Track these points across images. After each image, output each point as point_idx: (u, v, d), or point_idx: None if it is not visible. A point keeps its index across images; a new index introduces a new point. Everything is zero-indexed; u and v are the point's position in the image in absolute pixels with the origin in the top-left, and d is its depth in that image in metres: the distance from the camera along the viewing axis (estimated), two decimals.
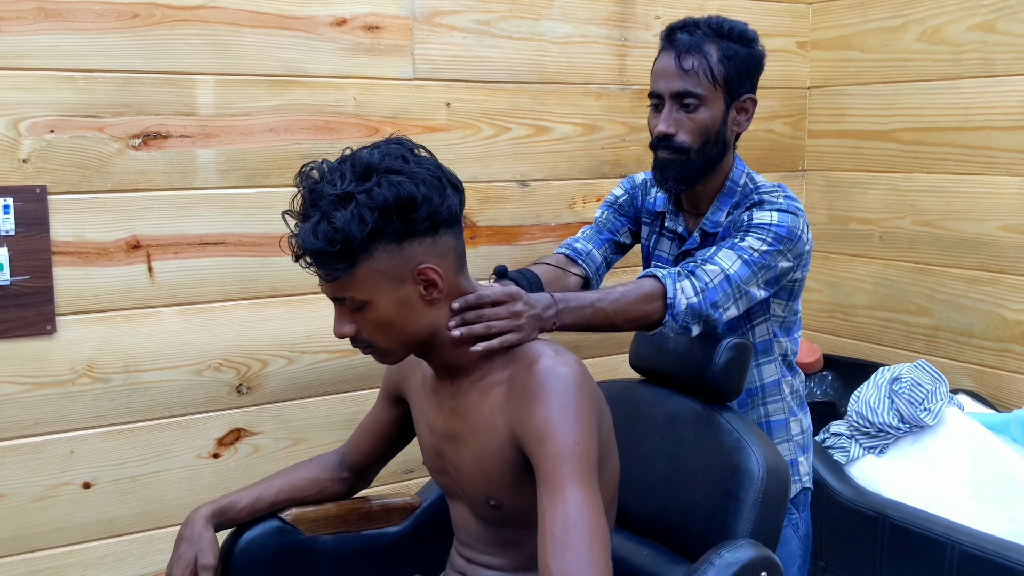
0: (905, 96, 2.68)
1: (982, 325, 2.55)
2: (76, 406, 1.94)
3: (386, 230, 1.29)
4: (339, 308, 1.37)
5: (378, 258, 1.30)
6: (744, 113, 1.78)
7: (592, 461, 1.28)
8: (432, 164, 1.35)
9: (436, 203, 1.32)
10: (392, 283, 1.32)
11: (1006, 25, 2.42)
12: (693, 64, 1.70)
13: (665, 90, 1.73)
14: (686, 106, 1.72)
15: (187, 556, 1.51)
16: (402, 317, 1.35)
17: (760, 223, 1.70)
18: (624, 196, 1.98)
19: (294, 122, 2.10)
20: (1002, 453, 2.14)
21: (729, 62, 1.72)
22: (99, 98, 1.90)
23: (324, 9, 2.10)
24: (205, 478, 2.09)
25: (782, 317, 1.83)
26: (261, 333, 2.12)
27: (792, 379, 1.89)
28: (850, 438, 2.34)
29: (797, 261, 1.74)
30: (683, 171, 1.75)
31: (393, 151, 1.33)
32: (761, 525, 1.50)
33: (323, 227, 1.27)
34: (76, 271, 1.91)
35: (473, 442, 1.41)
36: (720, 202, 1.80)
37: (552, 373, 1.32)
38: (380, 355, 1.41)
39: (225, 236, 2.05)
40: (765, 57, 1.80)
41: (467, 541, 1.52)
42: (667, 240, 1.91)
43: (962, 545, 1.95)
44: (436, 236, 1.34)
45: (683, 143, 1.73)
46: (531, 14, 2.38)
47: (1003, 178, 2.47)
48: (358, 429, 1.72)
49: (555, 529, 1.21)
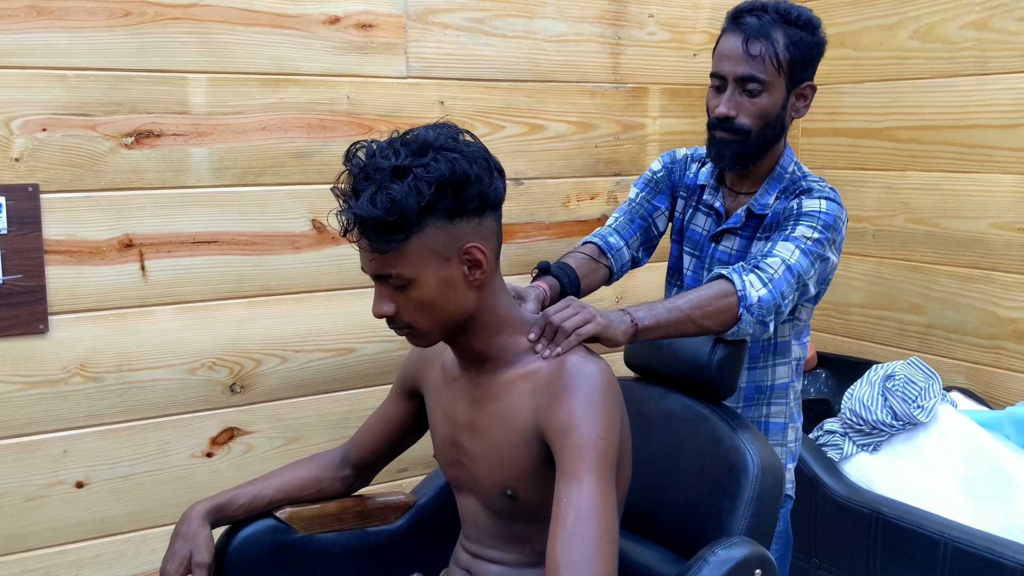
0: (900, 94, 2.68)
1: (975, 323, 2.55)
2: (69, 405, 1.94)
3: (439, 205, 1.31)
4: (380, 287, 1.38)
5: (428, 233, 1.32)
6: (803, 100, 1.80)
7: (612, 458, 1.30)
8: (481, 148, 1.38)
9: (486, 183, 1.35)
10: (438, 261, 1.34)
11: (1000, 23, 2.42)
12: (760, 50, 1.71)
13: (729, 73, 1.74)
14: (749, 91, 1.73)
15: (182, 552, 1.51)
16: (444, 297, 1.36)
17: (810, 211, 1.71)
18: (662, 171, 1.97)
19: (287, 120, 2.10)
20: (995, 450, 2.14)
21: (794, 48, 1.73)
22: (91, 96, 1.89)
23: (317, 7, 2.10)
24: (199, 477, 2.08)
25: (802, 321, 1.85)
26: (254, 332, 2.11)
27: (798, 386, 1.90)
28: (844, 435, 2.34)
29: (837, 254, 1.76)
30: (740, 151, 1.76)
31: (445, 132, 1.36)
32: (756, 523, 1.50)
33: (381, 197, 1.28)
34: (69, 270, 1.91)
35: (494, 431, 1.43)
36: (769, 186, 1.81)
37: (581, 370, 1.36)
38: (416, 337, 1.42)
39: (218, 235, 2.05)
40: (826, 44, 1.81)
41: (474, 536, 1.53)
42: (703, 215, 1.90)
43: (955, 542, 1.96)
44: (482, 218, 1.37)
45: (743, 125, 1.74)
46: (525, 12, 2.37)
47: (997, 176, 2.47)
48: (364, 426, 1.72)
49: (567, 518, 1.24)
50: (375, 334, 2.24)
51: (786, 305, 1.65)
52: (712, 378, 1.62)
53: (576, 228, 2.52)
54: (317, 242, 2.16)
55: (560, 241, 2.50)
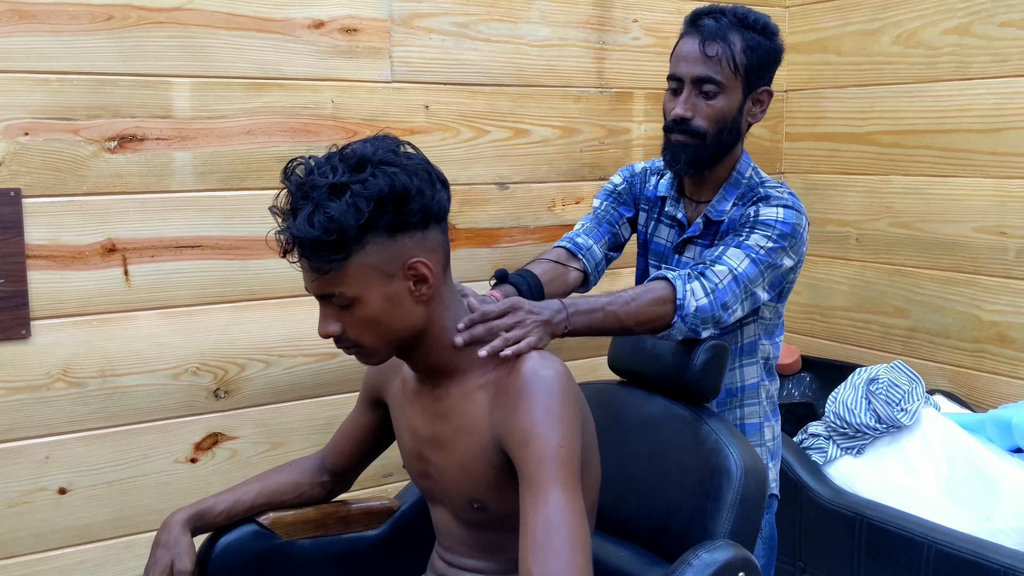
0: (882, 99, 2.70)
1: (958, 326, 2.57)
2: (52, 411, 1.93)
3: (379, 221, 1.29)
4: (324, 306, 1.36)
5: (370, 251, 1.30)
6: (760, 105, 1.80)
7: (575, 464, 1.28)
8: (422, 159, 1.36)
9: (428, 196, 1.32)
10: (382, 278, 1.32)
11: (981, 28, 2.44)
12: (717, 51, 1.71)
13: (686, 74, 1.74)
14: (705, 92, 1.73)
15: (163, 561, 1.50)
16: (390, 314, 1.34)
17: (766, 219, 1.70)
18: (623, 184, 1.97)
19: (271, 124, 2.09)
20: (978, 453, 2.16)
21: (752, 52, 1.73)
22: (74, 100, 1.89)
23: (301, 11, 2.10)
24: (183, 483, 2.07)
25: (767, 320, 1.84)
26: (238, 337, 2.11)
27: (770, 385, 1.89)
28: (828, 439, 2.35)
29: (796, 260, 1.75)
30: (696, 155, 1.75)
31: (384, 145, 1.34)
32: (739, 526, 1.50)
33: (319, 216, 1.26)
34: (51, 275, 1.90)
35: (457, 445, 1.41)
36: (726, 192, 1.81)
37: (536, 375, 1.32)
38: (364, 355, 1.40)
39: (202, 239, 2.04)
40: (784, 52, 1.81)
41: (448, 545, 1.52)
42: (665, 227, 1.90)
43: (938, 544, 1.97)
44: (426, 231, 1.34)
45: (699, 127, 1.74)
46: (510, 17, 2.38)
47: (978, 180, 2.49)
48: (337, 433, 1.71)
49: (537, 532, 1.21)
50: None
51: (728, 315, 1.65)
52: (695, 381, 1.63)
53: (561, 232, 2.51)
54: None
55: (546, 245, 2.49)
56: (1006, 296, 2.45)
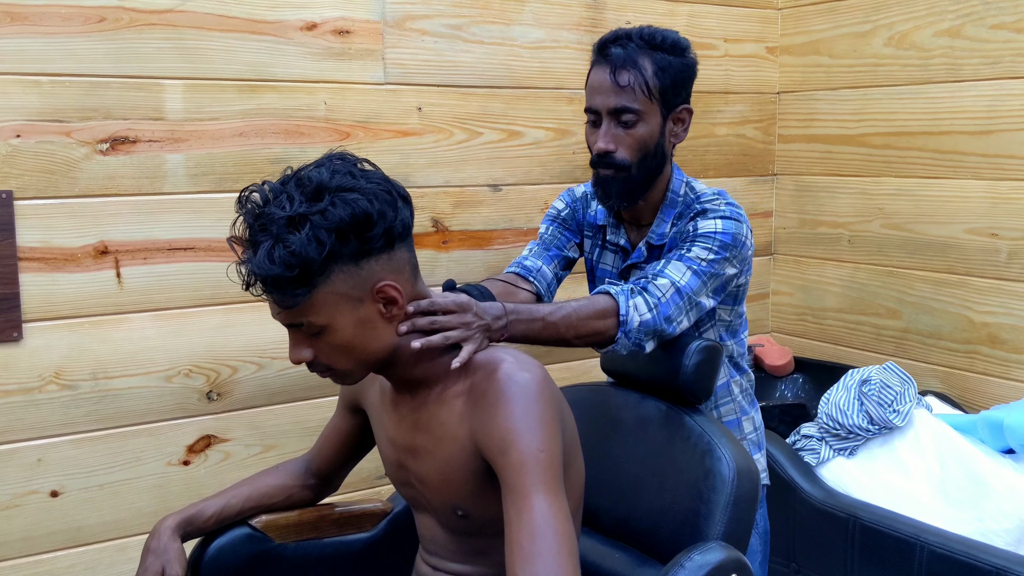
0: (874, 101, 2.70)
1: (950, 327, 2.57)
2: (43, 413, 1.92)
3: (343, 251, 1.25)
4: (294, 334, 1.32)
5: (336, 280, 1.26)
6: (681, 123, 1.78)
7: (557, 467, 1.26)
8: (380, 178, 1.32)
9: (390, 218, 1.29)
10: (351, 304, 1.29)
11: (972, 30, 2.45)
12: (629, 79, 1.69)
13: (602, 106, 1.73)
14: (624, 122, 1.71)
15: (154, 568, 1.49)
16: (362, 338, 1.32)
17: (705, 232, 1.70)
18: (566, 210, 1.96)
19: (264, 126, 2.09)
20: (970, 454, 2.16)
21: (663, 74, 1.72)
22: (66, 102, 1.88)
23: (294, 13, 2.10)
24: (175, 485, 2.07)
25: (728, 321, 1.85)
26: (231, 339, 2.10)
27: (741, 379, 1.90)
28: (820, 440, 2.35)
29: (742, 266, 1.75)
30: (624, 187, 1.75)
31: (340, 168, 1.29)
32: (732, 527, 1.50)
33: (279, 252, 1.21)
34: (43, 277, 1.89)
35: (437, 454, 1.39)
36: (663, 214, 1.81)
37: (512, 380, 1.30)
38: (339, 377, 1.37)
39: (194, 241, 2.04)
40: (697, 65, 1.80)
41: (434, 551, 1.51)
42: (610, 253, 1.91)
43: (931, 545, 1.97)
44: (392, 251, 1.31)
45: (623, 160, 1.72)
46: (502, 19, 2.38)
47: (970, 182, 2.50)
48: (321, 436, 1.70)
49: (522, 539, 1.20)
50: None
51: (672, 328, 1.64)
52: (688, 383, 1.63)
53: None
54: None
55: None
56: (998, 297, 2.46)
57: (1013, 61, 2.37)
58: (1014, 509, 2.04)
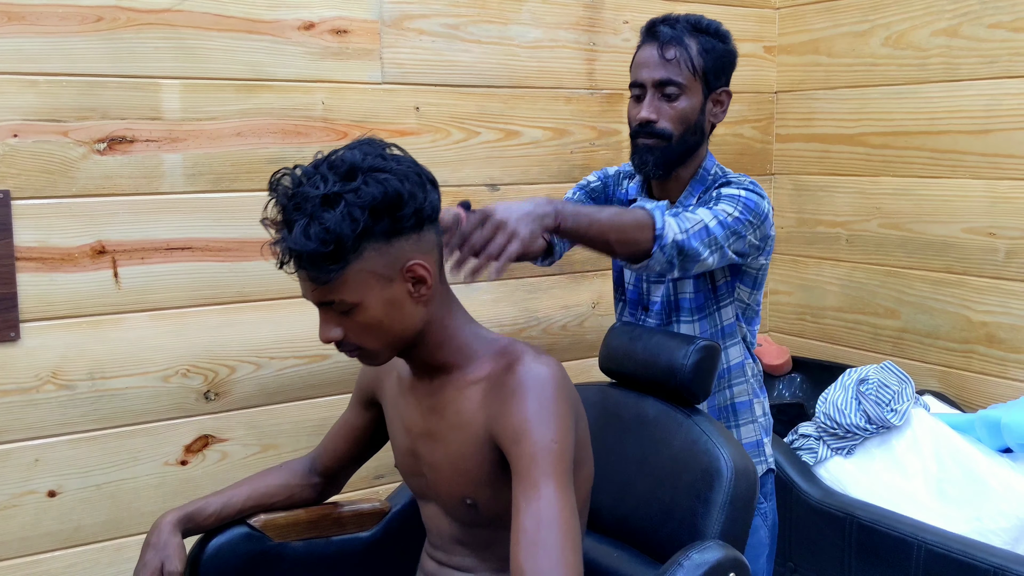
0: (872, 100, 2.70)
1: (948, 326, 2.58)
2: (41, 413, 1.92)
3: (375, 229, 1.29)
4: (324, 313, 1.36)
5: (367, 257, 1.30)
6: (720, 105, 1.84)
7: (568, 461, 1.28)
8: (410, 161, 1.36)
9: (420, 199, 1.33)
10: (381, 282, 1.32)
11: (970, 30, 2.45)
12: (675, 54, 1.77)
13: (648, 79, 1.78)
14: (667, 95, 1.78)
15: (153, 563, 1.50)
16: (391, 317, 1.35)
17: (730, 194, 1.74)
18: (597, 183, 2.00)
19: (262, 126, 2.09)
20: (967, 453, 2.16)
21: (708, 55, 1.79)
22: (63, 102, 1.88)
23: (291, 13, 2.09)
24: (173, 485, 2.07)
25: (745, 304, 1.87)
26: (229, 339, 2.10)
27: (753, 363, 1.92)
28: (818, 439, 2.35)
29: (763, 244, 1.78)
30: (663, 156, 1.79)
31: (370, 150, 1.34)
32: (730, 526, 1.50)
33: (314, 228, 1.25)
34: (40, 277, 1.89)
35: (450, 440, 1.41)
36: (692, 188, 1.85)
37: (531, 373, 1.33)
38: (367, 358, 1.40)
39: (192, 241, 2.04)
40: (738, 56, 1.86)
41: (439, 543, 1.52)
42: None
43: (928, 544, 1.97)
44: (421, 233, 1.35)
45: (664, 129, 1.78)
46: (500, 18, 2.38)
47: (968, 181, 2.50)
48: (330, 433, 1.71)
49: (528, 527, 1.22)
50: None
51: (700, 255, 1.65)
52: (687, 382, 1.63)
53: None
54: None
55: None
56: (996, 297, 2.46)
57: (1010, 60, 2.38)
58: (1011, 508, 2.04)
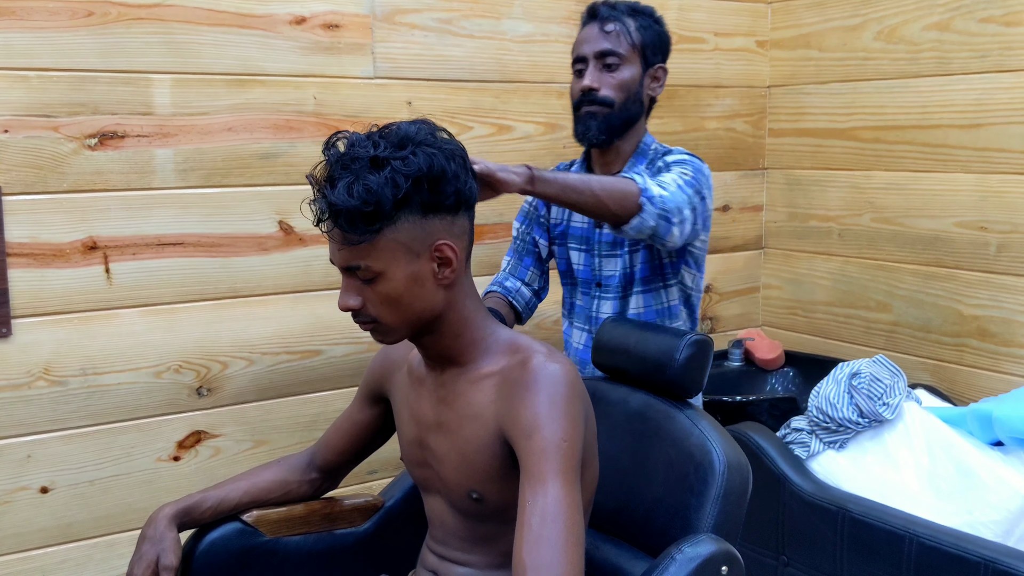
0: (864, 95, 2.71)
1: (939, 320, 2.58)
2: (33, 409, 1.92)
3: (414, 199, 1.32)
4: (348, 279, 1.37)
5: (401, 227, 1.32)
6: (657, 81, 1.97)
7: (576, 459, 1.30)
8: (459, 146, 1.39)
9: (462, 181, 1.36)
10: (409, 256, 1.34)
11: (962, 24, 2.45)
12: (614, 27, 1.90)
13: (589, 52, 1.91)
14: (608, 66, 1.90)
15: (149, 555, 1.50)
16: (412, 293, 1.36)
17: (678, 159, 1.86)
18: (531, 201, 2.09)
19: (253, 121, 2.08)
20: (959, 446, 2.17)
21: (645, 31, 1.93)
22: (54, 97, 1.87)
23: (283, 7, 2.09)
24: (165, 481, 2.07)
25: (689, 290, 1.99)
26: (221, 334, 2.10)
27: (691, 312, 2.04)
28: (810, 433, 2.36)
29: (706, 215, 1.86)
30: (606, 122, 1.90)
31: (424, 128, 1.37)
32: (722, 520, 1.51)
33: (358, 187, 1.28)
34: (32, 273, 1.89)
35: (460, 432, 1.42)
36: (635, 160, 1.95)
37: (544, 370, 1.34)
38: (382, 333, 1.41)
39: (184, 237, 2.03)
40: (671, 43, 1.99)
41: (441, 537, 1.52)
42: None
43: (920, 538, 1.98)
44: (456, 216, 1.38)
45: (607, 97, 1.89)
46: (492, 13, 2.37)
47: (959, 175, 2.50)
48: (331, 429, 1.71)
49: (533, 521, 1.23)
50: (343, 336, 2.24)
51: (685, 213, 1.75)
52: (678, 376, 1.63)
53: None
54: (284, 244, 2.15)
55: None
56: (987, 291, 2.47)
57: (1002, 55, 2.38)
58: (1002, 501, 2.05)
